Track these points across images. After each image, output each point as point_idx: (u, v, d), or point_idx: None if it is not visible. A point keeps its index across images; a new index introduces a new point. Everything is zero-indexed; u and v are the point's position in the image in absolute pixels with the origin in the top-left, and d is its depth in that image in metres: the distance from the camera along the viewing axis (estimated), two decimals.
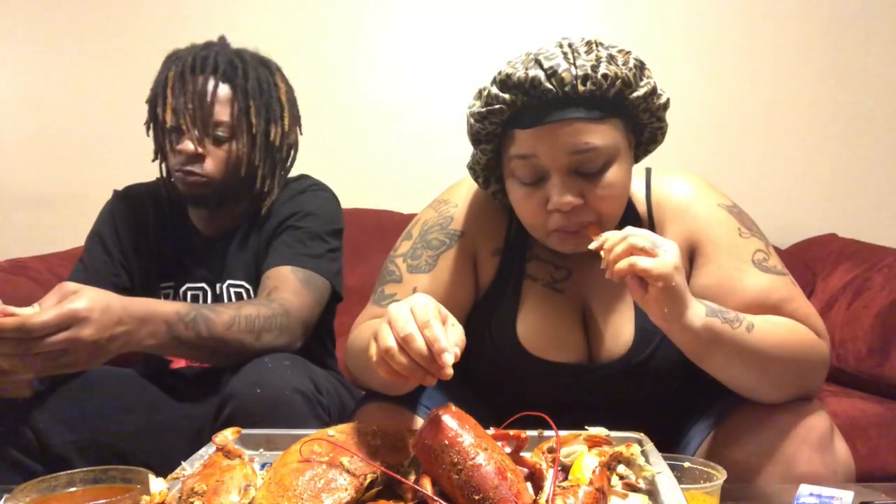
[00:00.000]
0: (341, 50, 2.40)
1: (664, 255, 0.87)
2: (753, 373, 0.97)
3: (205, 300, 1.38)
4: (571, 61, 0.94)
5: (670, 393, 1.14)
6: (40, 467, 1.14)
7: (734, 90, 2.40)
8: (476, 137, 1.03)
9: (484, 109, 0.98)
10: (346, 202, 2.53)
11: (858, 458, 1.53)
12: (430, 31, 2.40)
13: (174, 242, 1.41)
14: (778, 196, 2.41)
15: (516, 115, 0.97)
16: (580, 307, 1.11)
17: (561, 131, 0.94)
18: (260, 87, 1.33)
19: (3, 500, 0.72)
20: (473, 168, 1.08)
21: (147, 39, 2.38)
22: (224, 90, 1.30)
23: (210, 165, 1.29)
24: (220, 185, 1.31)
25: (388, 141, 2.40)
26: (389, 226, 2.08)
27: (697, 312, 0.91)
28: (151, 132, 1.36)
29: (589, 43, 0.97)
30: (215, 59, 1.30)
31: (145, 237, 1.41)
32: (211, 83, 1.29)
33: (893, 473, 1.53)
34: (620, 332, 1.07)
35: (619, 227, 1.08)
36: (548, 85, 0.93)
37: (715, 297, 1.01)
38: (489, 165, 1.06)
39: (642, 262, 0.86)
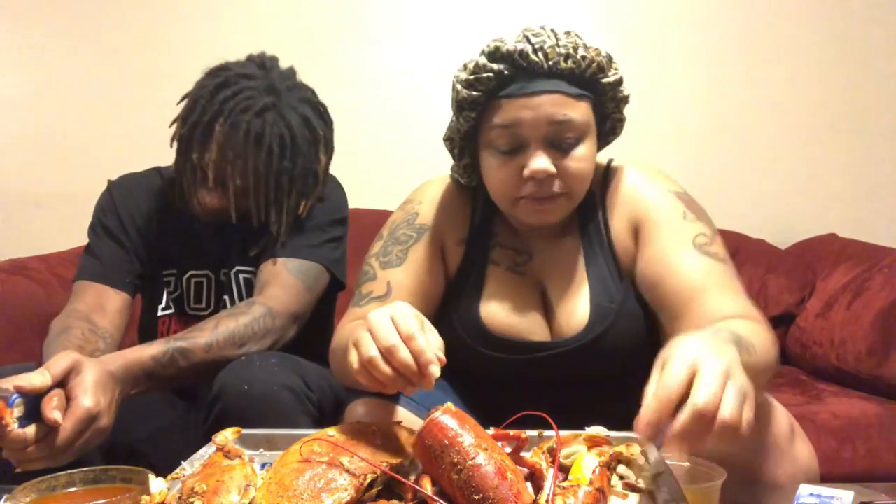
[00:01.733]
0: (343, 49, 2.40)
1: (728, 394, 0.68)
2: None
3: (209, 287, 1.37)
4: (555, 41, 1.03)
5: (629, 370, 1.14)
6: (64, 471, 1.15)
7: (735, 91, 2.40)
8: (460, 105, 1.08)
9: (472, 77, 1.05)
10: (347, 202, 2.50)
11: (858, 458, 1.54)
12: (432, 31, 2.40)
13: (175, 229, 1.38)
14: (778, 196, 2.41)
15: (502, 85, 1.04)
16: (540, 288, 1.16)
17: (544, 100, 1.02)
18: (304, 171, 1.29)
19: (3, 500, 0.72)
20: (451, 137, 1.14)
21: (146, 40, 2.39)
22: (270, 169, 1.25)
23: (233, 209, 1.28)
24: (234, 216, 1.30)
25: (388, 141, 2.40)
26: None
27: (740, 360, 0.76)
28: (175, 146, 1.30)
29: (567, 32, 1.06)
30: (270, 134, 1.24)
31: (146, 224, 1.39)
32: (256, 158, 1.24)
33: (893, 473, 1.52)
34: (577, 309, 1.12)
35: (577, 212, 1.14)
36: (534, 57, 1.02)
37: (653, 276, 1.07)
38: (467, 135, 1.11)
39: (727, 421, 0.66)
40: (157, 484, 0.75)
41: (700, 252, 1.06)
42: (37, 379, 0.89)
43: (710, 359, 0.70)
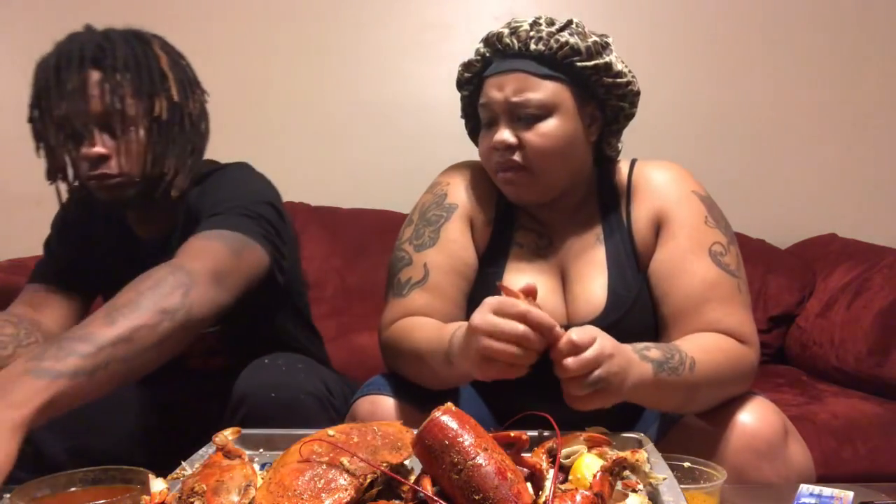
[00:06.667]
0: (340, 48, 2.40)
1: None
2: (693, 402, 1.02)
3: None
4: (534, 26, 1.10)
5: None
6: (33, 477, 1.13)
7: (734, 90, 2.40)
8: (458, 83, 1.21)
9: (469, 60, 1.17)
10: (348, 202, 2.51)
11: (858, 458, 1.54)
12: (431, 30, 2.40)
13: (115, 247, 1.32)
14: (778, 196, 2.41)
15: (486, 66, 1.15)
16: (560, 272, 1.18)
17: (508, 79, 1.09)
18: (136, 61, 1.20)
19: (3, 500, 0.72)
20: (462, 116, 1.25)
21: None
22: (95, 77, 1.17)
23: (117, 163, 1.18)
24: (139, 180, 1.20)
25: (388, 140, 2.40)
26: (389, 226, 2.07)
27: (644, 374, 0.93)
28: (43, 153, 1.25)
29: (569, 21, 1.11)
30: (80, 50, 1.18)
31: (90, 242, 1.33)
32: (79, 76, 1.17)
33: (893, 473, 1.52)
34: (594, 295, 1.13)
35: (599, 203, 1.18)
36: (507, 40, 1.10)
37: (664, 274, 1.11)
38: (468, 113, 1.23)
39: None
40: (157, 484, 0.75)
41: (713, 261, 1.08)
42: None
43: (609, 342, 0.88)
